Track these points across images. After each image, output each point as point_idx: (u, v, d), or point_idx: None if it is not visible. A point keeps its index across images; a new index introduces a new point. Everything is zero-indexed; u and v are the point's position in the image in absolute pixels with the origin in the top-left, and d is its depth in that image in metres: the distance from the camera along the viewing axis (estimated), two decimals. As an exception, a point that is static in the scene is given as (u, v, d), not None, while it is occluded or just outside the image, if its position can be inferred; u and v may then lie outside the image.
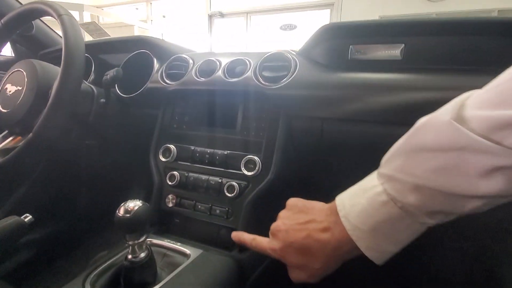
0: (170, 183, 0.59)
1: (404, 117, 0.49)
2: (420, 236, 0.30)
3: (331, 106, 0.53)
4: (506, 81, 0.25)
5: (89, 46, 0.80)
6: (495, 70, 0.46)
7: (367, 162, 0.60)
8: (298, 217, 0.36)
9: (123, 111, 0.70)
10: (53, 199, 0.85)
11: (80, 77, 0.52)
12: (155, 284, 0.40)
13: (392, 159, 0.30)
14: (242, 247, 0.52)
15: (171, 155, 0.61)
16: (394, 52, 0.52)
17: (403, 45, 0.51)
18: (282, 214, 0.38)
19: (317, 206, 0.36)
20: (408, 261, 0.78)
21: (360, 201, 0.30)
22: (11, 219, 0.47)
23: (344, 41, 0.54)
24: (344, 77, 0.53)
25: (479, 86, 0.46)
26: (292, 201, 0.39)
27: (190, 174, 0.58)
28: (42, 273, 0.82)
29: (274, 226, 0.37)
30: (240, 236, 0.43)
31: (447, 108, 0.28)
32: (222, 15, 4.74)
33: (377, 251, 0.30)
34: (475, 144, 0.24)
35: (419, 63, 0.51)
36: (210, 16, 4.79)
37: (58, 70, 0.54)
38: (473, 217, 0.28)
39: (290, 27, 4.41)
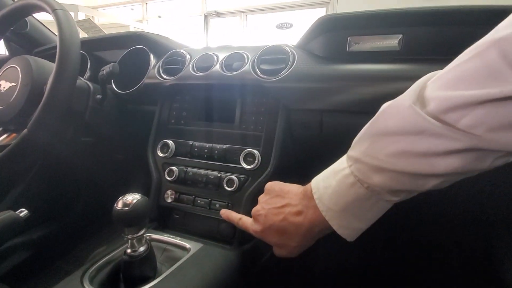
0: (168, 178, 0.58)
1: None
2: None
3: (330, 98, 0.52)
4: (466, 61, 0.25)
5: (84, 43, 0.79)
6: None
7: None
8: (275, 201, 0.39)
9: (120, 108, 0.70)
10: (50, 198, 0.84)
11: (75, 72, 0.51)
12: (155, 278, 0.39)
13: (359, 142, 0.32)
14: (243, 241, 0.51)
15: (169, 150, 0.60)
16: (392, 42, 0.51)
17: (401, 35, 0.51)
18: (261, 198, 0.41)
19: (293, 189, 0.39)
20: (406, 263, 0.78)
21: (331, 183, 0.33)
22: (6, 214, 0.46)
23: (342, 33, 0.54)
24: (343, 69, 0.52)
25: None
26: (270, 185, 0.42)
27: (189, 169, 0.58)
28: (39, 273, 0.81)
29: (254, 210, 0.41)
30: (228, 214, 0.46)
31: (410, 91, 0.29)
32: (218, 14, 4.73)
33: (348, 229, 0.33)
34: (432, 129, 0.25)
35: (417, 53, 0.51)
36: (206, 16, 4.77)
37: (53, 66, 0.54)
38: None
39: (286, 25, 4.41)
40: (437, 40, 0.50)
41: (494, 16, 0.46)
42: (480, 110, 0.23)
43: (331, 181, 0.33)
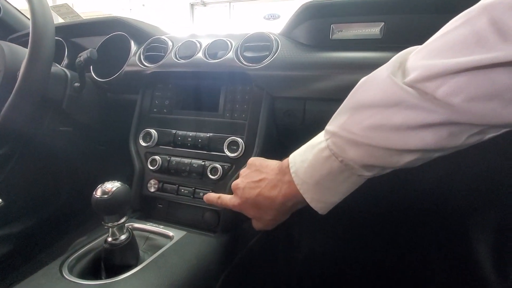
0: (151, 168, 0.57)
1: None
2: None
3: (313, 86, 0.53)
4: (454, 29, 0.24)
5: (61, 29, 0.76)
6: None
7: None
8: (253, 175, 0.39)
9: (100, 96, 0.67)
10: (29, 190, 0.81)
11: (49, 57, 0.49)
12: (137, 266, 0.39)
13: (337, 116, 0.32)
14: (226, 229, 0.52)
15: (152, 139, 0.59)
16: (374, 30, 0.52)
17: (383, 23, 0.51)
18: (242, 171, 0.42)
19: (271, 165, 0.39)
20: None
21: (308, 157, 0.33)
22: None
23: (325, 20, 0.54)
24: (326, 57, 0.53)
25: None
26: (252, 160, 0.42)
27: (172, 158, 0.57)
28: (20, 268, 0.79)
29: (234, 183, 0.41)
30: (208, 197, 0.47)
31: (389, 63, 0.28)
32: (204, 3, 4.63)
33: (321, 202, 0.33)
34: (408, 100, 0.25)
35: (399, 41, 0.51)
36: (192, 5, 4.66)
37: (27, 52, 0.51)
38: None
39: (274, 16, 4.37)
40: (418, 28, 0.50)
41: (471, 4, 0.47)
42: (461, 78, 0.22)
43: (307, 155, 0.33)
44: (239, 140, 0.53)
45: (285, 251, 0.77)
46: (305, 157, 0.33)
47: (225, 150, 0.54)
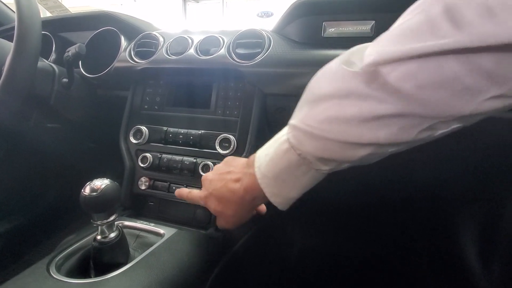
0: (142, 165, 0.57)
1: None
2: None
3: (304, 83, 0.52)
4: (410, 18, 0.24)
5: (49, 23, 0.74)
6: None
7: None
8: (222, 168, 0.39)
9: (89, 93, 0.66)
10: (16, 189, 0.79)
11: (36, 52, 0.48)
12: (127, 264, 0.39)
13: (298, 109, 0.31)
14: (218, 227, 0.51)
15: (143, 136, 0.58)
16: (365, 28, 0.52)
17: (373, 21, 0.52)
18: (215, 166, 0.42)
19: (241, 160, 0.39)
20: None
21: (270, 151, 0.33)
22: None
23: (317, 18, 0.54)
24: (317, 54, 0.53)
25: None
26: (227, 157, 0.42)
27: (163, 155, 0.57)
28: (7, 267, 0.78)
29: (204, 175, 0.41)
30: (179, 192, 0.46)
31: (344, 53, 0.28)
32: (196, 0, 4.58)
33: (280, 197, 0.33)
34: (359, 89, 0.25)
35: (389, 39, 0.52)
36: (185, 1, 4.61)
37: (12, 46, 0.50)
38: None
39: (267, 14, 4.36)
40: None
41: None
42: (412, 64, 0.22)
43: (270, 149, 0.33)
44: (231, 137, 0.53)
45: (277, 248, 0.78)
46: (268, 151, 0.33)
47: (217, 147, 0.54)
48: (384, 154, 0.28)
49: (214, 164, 0.53)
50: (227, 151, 0.53)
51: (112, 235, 0.39)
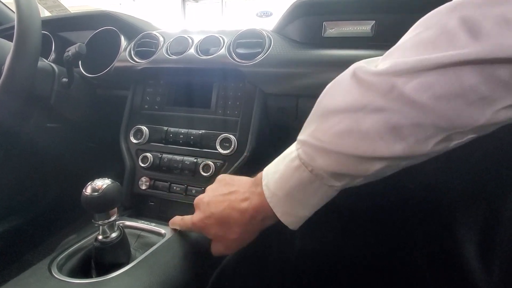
0: (143, 165, 0.57)
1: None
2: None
3: (305, 83, 0.53)
4: (425, 29, 0.24)
5: (48, 23, 0.74)
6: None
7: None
8: (222, 189, 0.37)
9: (89, 92, 0.66)
10: (15, 189, 0.79)
11: (36, 52, 0.48)
12: (129, 264, 0.38)
13: (307, 124, 0.31)
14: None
15: (143, 136, 0.58)
16: (365, 28, 0.52)
17: (374, 21, 0.52)
18: (209, 187, 0.39)
19: (243, 179, 0.37)
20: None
21: (279, 168, 0.31)
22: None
23: (317, 18, 0.54)
24: (318, 54, 0.53)
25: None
26: (221, 176, 0.40)
27: (164, 155, 0.56)
28: (8, 268, 0.77)
29: (197, 198, 0.38)
30: (172, 221, 0.44)
31: (354, 65, 0.28)
32: (196, 0, 4.58)
33: (291, 216, 0.31)
34: (374, 101, 0.24)
35: (390, 39, 0.52)
36: (184, 1, 4.60)
37: (11, 46, 0.50)
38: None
39: (266, 14, 4.36)
40: (408, 27, 0.51)
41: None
42: (430, 75, 0.22)
43: (279, 166, 0.31)
44: (232, 137, 0.53)
45: (277, 249, 0.78)
46: (276, 168, 0.32)
47: (218, 147, 0.54)
48: (398, 167, 0.27)
49: (215, 164, 0.53)
50: (228, 151, 0.53)
51: (114, 235, 0.39)
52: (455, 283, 0.75)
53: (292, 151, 0.31)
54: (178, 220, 0.42)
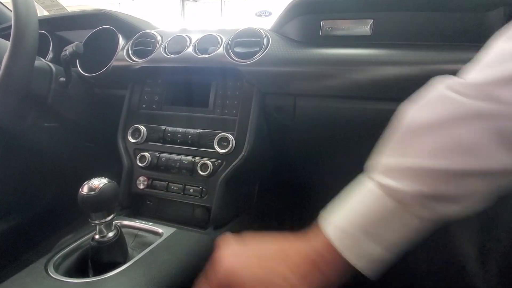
0: (140, 164, 0.57)
1: (374, 91, 0.50)
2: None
3: (303, 82, 0.53)
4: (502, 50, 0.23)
5: (46, 22, 0.74)
6: (458, 45, 0.49)
7: (337, 137, 0.61)
8: (258, 262, 0.28)
9: (86, 92, 0.66)
10: (13, 189, 0.79)
11: (33, 51, 0.48)
12: (126, 263, 0.38)
13: (389, 147, 0.27)
14: (217, 225, 0.51)
15: (141, 135, 0.58)
16: (363, 27, 0.52)
17: (372, 20, 0.52)
18: (238, 253, 0.30)
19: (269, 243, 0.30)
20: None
21: (346, 203, 0.27)
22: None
23: (315, 17, 0.54)
24: (316, 53, 0.53)
25: (443, 61, 0.48)
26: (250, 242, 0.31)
27: (162, 154, 0.56)
28: (5, 267, 0.77)
29: (228, 267, 0.29)
30: None
31: (435, 83, 0.26)
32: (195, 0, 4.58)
33: (365, 257, 0.25)
34: (478, 110, 0.22)
35: (387, 38, 0.52)
36: (183, 0, 4.60)
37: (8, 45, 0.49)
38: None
39: (265, 13, 4.35)
40: (407, 26, 0.51)
41: (458, 2, 0.48)
42: None
43: (345, 201, 0.27)
44: (230, 136, 0.53)
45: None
46: (343, 203, 0.27)
47: (216, 146, 0.54)
48: (509, 186, 0.24)
49: (213, 163, 0.53)
50: (226, 150, 0.53)
51: (110, 234, 0.39)
52: (453, 282, 0.75)
53: (363, 181, 0.27)
54: None
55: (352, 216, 0.26)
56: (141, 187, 0.56)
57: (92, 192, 0.35)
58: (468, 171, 0.23)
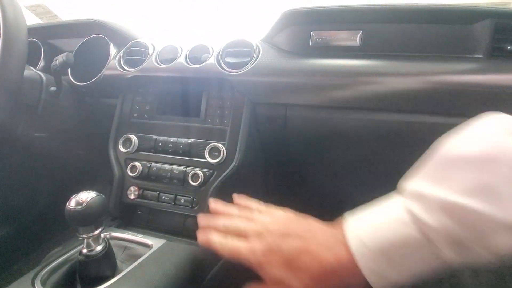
0: (131, 174, 0.56)
1: (363, 101, 0.51)
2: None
3: (293, 93, 0.53)
4: None
5: (37, 30, 0.74)
6: (446, 56, 0.49)
7: (328, 147, 0.62)
8: (295, 226, 0.30)
9: (77, 101, 0.66)
10: (6, 200, 0.78)
11: (22, 61, 0.48)
12: (114, 277, 0.38)
13: (424, 173, 0.25)
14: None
15: (132, 145, 0.58)
16: (353, 38, 0.53)
17: (361, 31, 0.52)
18: (273, 218, 0.32)
19: (317, 222, 0.31)
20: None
21: (375, 217, 0.26)
22: None
23: (305, 27, 0.55)
24: (306, 64, 0.53)
25: (431, 72, 0.48)
26: (289, 212, 0.33)
27: (153, 164, 0.56)
28: (-4, 277, 0.76)
29: (261, 224, 0.31)
30: (207, 241, 0.34)
31: (486, 117, 0.24)
32: (191, 3, 4.58)
33: (382, 278, 0.24)
34: None
35: (376, 49, 0.52)
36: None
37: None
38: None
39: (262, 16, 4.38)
40: (395, 37, 0.52)
41: (446, 15, 0.49)
42: None
43: (374, 214, 0.26)
44: (221, 146, 0.53)
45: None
46: (370, 216, 0.26)
47: (207, 156, 0.54)
48: None
49: (204, 173, 0.53)
50: (217, 160, 0.53)
51: (99, 248, 0.38)
52: (443, 283, 0.76)
53: (396, 201, 0.26)
54: (218, 242, 0.32)
55: (375, 232, 0.25)
56: (132, 197, 0.56)
57: (79, 207, 0.35)
58: (499, 221, 0.21)
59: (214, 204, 0.38)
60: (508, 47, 0.46)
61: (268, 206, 0.35)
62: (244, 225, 0.32)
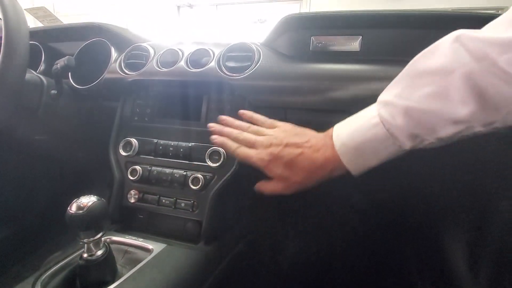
0: (132, 178, 0.56)
1: (363, 106, 0.51)
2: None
3: (293, 96, 0.53)
4: None
5: (38, 33, 0.74)
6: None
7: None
8: (296, 137, 0.39)
9: (78, 104, 0.66)
10: (4, 202, 0.78)
11: (23, 64, 0.48)
12: (114, 282, 0.38)
13: (393, 85, 0.33)
14: (208, 240, 0.51)
15: (133, 149, 0.58)
16: (352, 43, 0.53)
17: (360, 37, 0.53)
18: (276, 132, 0.42)
19: (313, 131, 0.41)
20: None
21: (353, 124, 0.35)
22: None
23: (305, 32, 0.55)
24: (306, 68, 0.53)
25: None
26: (288, 125, 0.43)
27: (153, 168, 0.56)
28: (-5, 280, 0.76)
29: (271, 135, 0.41)
30: (224, 141, 0.44)
31: (460, 31, 0.29)
32: (191, 6, 4.60)
33: (358, 165, 0.35)
34: (468, 66, 0.26)
35: (376, 54, 0.53)
36: (179, 7, 4.62)
37: (-1, 58, 0.49)
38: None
39: (260, 20, 4.41)
40: (394, 42, 0.52)
41: (443, 21, 0.50)
42: None
43: (353, 122, 0.35)
44: (221, 150, 0.53)
45: (269, 258, 0.78)
46: (350, 124, 0.35)
47: (207, 160, 0.54)
48: (468, 134, 0.29)
49: (204, 177, 0.53)
50: (217, 164, 0.53)
51: (99, 252, 0.38)
52: (443, 286, 0.76)
53: (370, 110, 0.34)
54: (232, 148, 0.43)
55: (353, 134, 0.34)
56: (132, 200, 0.56)
57: (80, 211, 0.35)
58: (447, 118, 0.28)
59: (225, 116, 0.48)
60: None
61: (271, 120, 0.46)
62: (254, 138, 0.42)
